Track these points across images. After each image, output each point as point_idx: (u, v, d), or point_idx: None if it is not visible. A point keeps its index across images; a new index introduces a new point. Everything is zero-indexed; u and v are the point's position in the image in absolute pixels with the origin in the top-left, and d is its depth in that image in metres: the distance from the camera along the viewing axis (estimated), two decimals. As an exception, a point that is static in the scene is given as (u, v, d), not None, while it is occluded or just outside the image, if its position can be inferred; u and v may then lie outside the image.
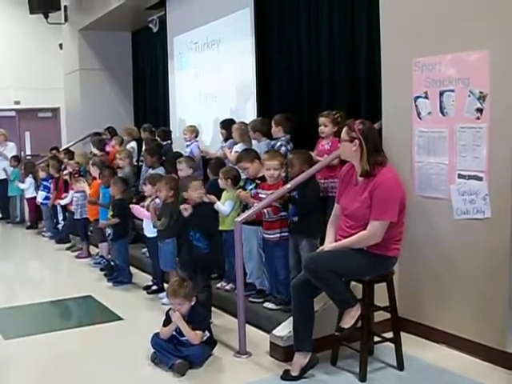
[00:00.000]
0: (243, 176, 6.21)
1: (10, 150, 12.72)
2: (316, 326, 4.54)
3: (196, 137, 8.96)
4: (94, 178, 8.59)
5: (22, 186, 11.55)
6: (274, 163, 5.57)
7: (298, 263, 5.26)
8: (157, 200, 6.64)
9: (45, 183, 10.59)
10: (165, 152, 8.92)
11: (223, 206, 6.10)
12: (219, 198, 6.21)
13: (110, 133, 11.42)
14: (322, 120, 6.08)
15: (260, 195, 5.64)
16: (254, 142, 7.23)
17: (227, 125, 8.06)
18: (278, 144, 6.52)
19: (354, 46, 6.77)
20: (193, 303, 4.89)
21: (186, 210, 5.69)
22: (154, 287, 6.91)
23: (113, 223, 7.35)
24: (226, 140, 8.04)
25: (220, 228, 6.19)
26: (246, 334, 5.03)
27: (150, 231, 6.77)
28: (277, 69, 8.12)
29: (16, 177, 11.96)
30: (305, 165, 5.46)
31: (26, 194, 11.67)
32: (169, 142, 9.57)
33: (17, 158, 12.43)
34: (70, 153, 10.87)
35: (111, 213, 7.41)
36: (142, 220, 7.09)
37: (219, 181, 6.26)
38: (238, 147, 7.23)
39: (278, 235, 5.55)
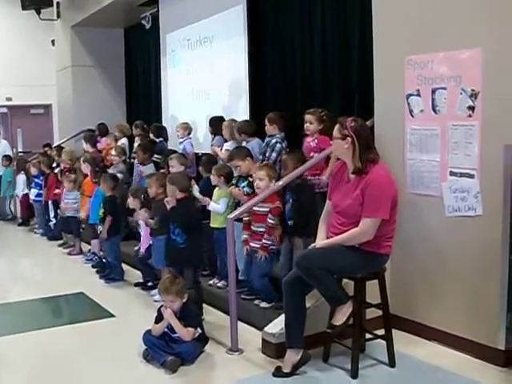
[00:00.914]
0: (236, 173, 6.21)
1: (4, 147, 12.68)
2: (308, 323, 4.55)
3: (189, 134, 8.97)
4: (86, 175, 8.58)
5: (18, 190, 11.31)
6: (260, 173, 5.55)
7: (289, 262, 5.29)
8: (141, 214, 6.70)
9: (36, 180, 10.56)
10: (159, 150, 8.90)
11: (217, 204, 6.10)
12: (212, 195, 6.22)
13: (100, 130, 11.38)
14: (307, 117, 6.06)
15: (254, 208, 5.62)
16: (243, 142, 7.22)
17: (214, 122, 8.10)
18: (273, 141, 6.52)
19: (347, 44, 6.77)
20: (185, 300, 4.89)
21: (168, 202, 5.71)
22: (150, 283, 6.90)
23: (108, 224, 7.32)
24: (214, 137, 8.07)
25: (212, 225, 6.20)
26: (238, 330, 5.03)
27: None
28: (270, 66, 8.12)
29: (9, 177, 11.91)
30: (298, 165, 5.47)
31: (17, 191, 11.63)
32: (161, 139, 9.55)
33: (8, 158, 12.35)
34: (61, 150, 10.82)
35: (102, 210, 7.39)
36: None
37: (211, 178, 6.26)
38: (229, 145, 7.23)
39: (261, 244, 5.57)
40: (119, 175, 8.56)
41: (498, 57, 4.40)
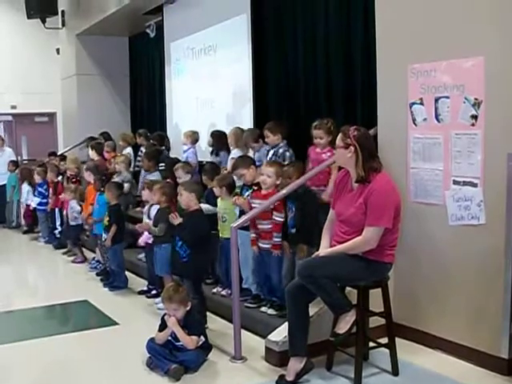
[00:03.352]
0: (240, 183, 6.22)
1: (9, 155, 12.71)
2: (311, 332, 4.55)
3: (194, 143, 8.92)
4: (90, 183, 8.59)
5: (34, 201, 10.94)
6: (268, 170, 5.57)
7: (291, 271, 5.29)
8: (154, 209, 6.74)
9: (40, 189, 10.56)
10: (164, 158, 8.91)
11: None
12: (216, 206, 6.24)
13: (104, 138, 11.41)
14: (317, 133, 5.92)
15: (253, 205, 5.64)
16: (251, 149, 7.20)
17: (215, 136, 8.11)
18: (281, 150, 6.39)
19: (350, 53, 6.79)
20: (188, 308, 4.90)
21: (174, 218, 5.72)
22: (154, 292, 6.90)
23: (113, 233, 7.31)
24: (212, 150, 8.08)
25: (223, 236, 6.16)
26: (242, 338, 5.04)
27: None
28: (273, 74, 8.15)
29: (13, 182, 11.93)
30: (301, 176, 5.47)
31: (22, 201, 11.63)
32: (163, 147, 9.56)
33: (15, 163, 12.41)
34: (65, 158, 10.84)
35: (107, 218, 7.40)
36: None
37: (214, 189, 6.24)
38: (234, 153, 7.21)
39: (272, 243, 5.56)
40: (126, 185, 8.54)
41: (500, 65, 4.42)
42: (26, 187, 11.37)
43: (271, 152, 6.58)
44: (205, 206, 6.21)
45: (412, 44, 5.10)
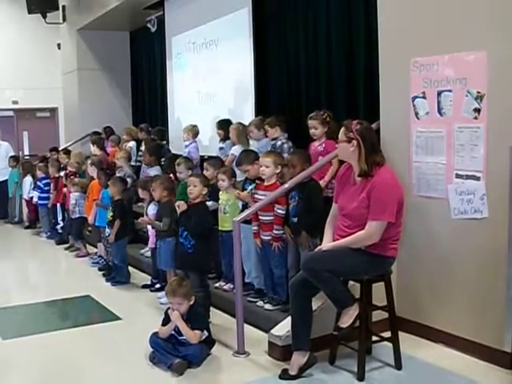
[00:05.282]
0: (242, 177, 6.22)
1: (6, 149, 12.69)
2: (314, 326, 4.55)
3: (195, 137, 8.91)
4: (93, 178, 8.59)
5: (34, 194, 10.89)
6: (266, 160, 5.58)
7: (297, 262, 5.28)
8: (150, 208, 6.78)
9: (39, 183, 10.55)
10: (165, 153, 8.90)
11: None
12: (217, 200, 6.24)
13: (106, 133, 11.39)
14: (311, 123, 6.05)
15: (256, 196, 5.65)
16: (252, 142, 7.20)
17: (224, 125, 8.06)
18: (279, 143, 6.48)
19: (352, 46, 6.78)
20: (192, 303, 4.90)
21: (179, 206, 5.72)
22: (158, 285, 6.91)
23: (117, 228, 7.32)
24: (222, 140, 8.04)
25: (221, 229, 6.18)
26: (245, 333, 5.04)
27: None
28: (275, 69, 8.14)
29: (16, 178, 11.93)
30: (306, 164, 5.46)
31: (24, 194, 11.63)
32: (163, 142, 9.54)
33: (16, 158, 12.39)
34: (69, 153, 10.83)
35: (111, 213, 7.40)
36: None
37: (223, 183, 6.18)
38: (235, 149, 7.19)
39: (272, 235, 5.56)
40: (128, 179, 8.52)
41: (503, 59, 4.41)
42: (28, 180, 11.34)
43: (271, 144, 6.63)
44: (209, 203, 6.20)
45: (414, 37, 5.09)
